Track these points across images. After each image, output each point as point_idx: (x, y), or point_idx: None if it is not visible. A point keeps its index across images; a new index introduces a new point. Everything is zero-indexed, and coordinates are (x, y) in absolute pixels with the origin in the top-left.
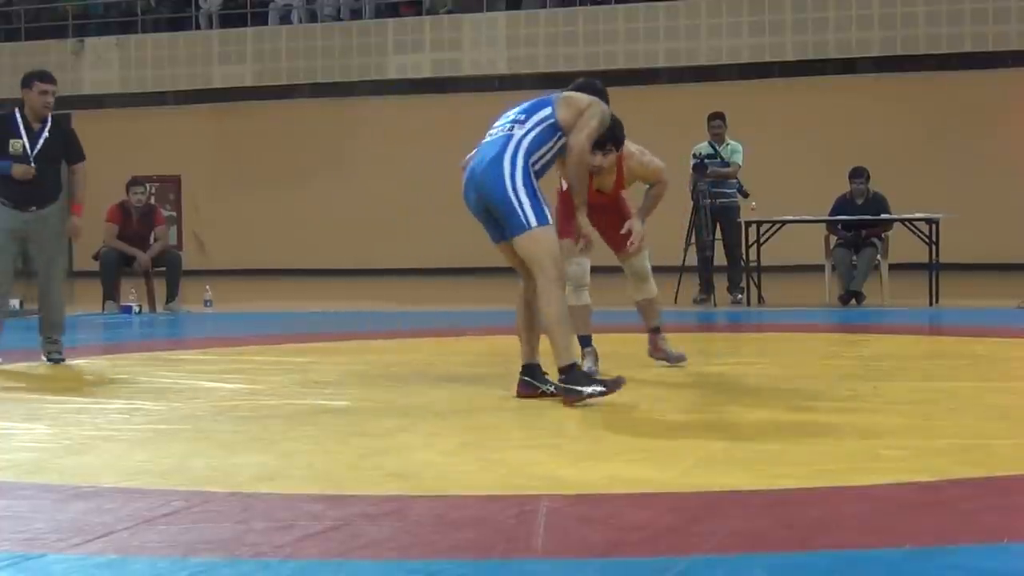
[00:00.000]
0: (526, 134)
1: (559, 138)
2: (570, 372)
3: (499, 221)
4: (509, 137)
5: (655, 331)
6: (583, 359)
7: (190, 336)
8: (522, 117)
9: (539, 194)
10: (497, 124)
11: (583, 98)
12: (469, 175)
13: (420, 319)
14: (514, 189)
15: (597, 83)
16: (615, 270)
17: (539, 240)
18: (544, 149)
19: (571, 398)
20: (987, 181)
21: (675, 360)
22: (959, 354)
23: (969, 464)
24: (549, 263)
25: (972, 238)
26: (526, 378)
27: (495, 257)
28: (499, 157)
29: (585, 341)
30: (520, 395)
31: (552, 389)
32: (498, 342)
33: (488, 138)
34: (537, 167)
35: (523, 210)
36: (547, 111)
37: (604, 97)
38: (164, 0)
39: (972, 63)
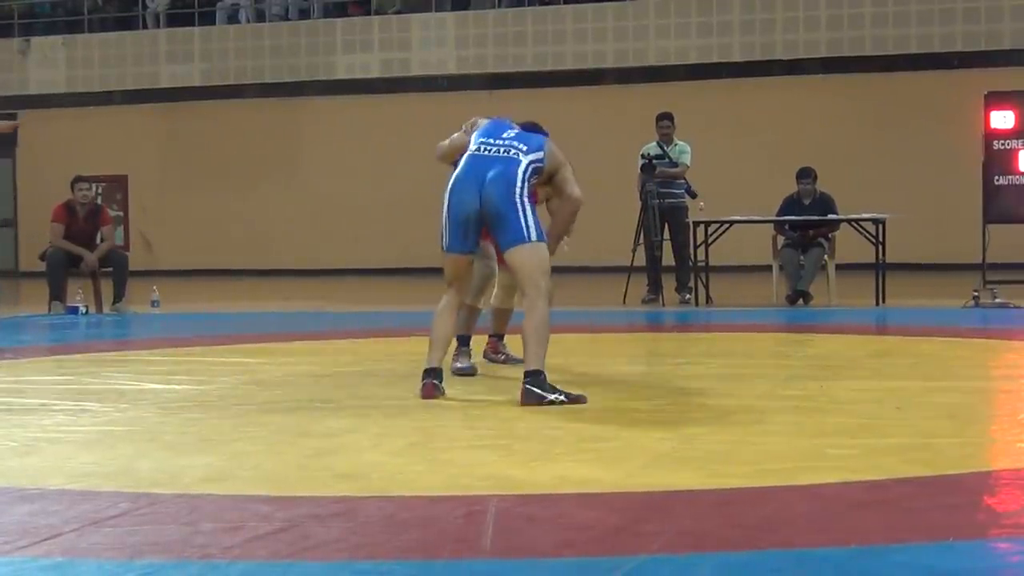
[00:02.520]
0: (530, 163)
1: (536, 180)
2: (536, 377)
3: (495, 229)
4: (518, 161)
5: (499, 338)
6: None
7: (137, 337)
8: (523, 147)
9: (536, 215)
10: (491, 139)
11: (560, 155)
12: (470, 180)
13: (369, 319)
14: (522, 203)
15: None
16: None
17: (539, 253)
18: (532, 181)
19: (531, 401)
20: (933, 182)
21: (516, 361)
22: (905, 353)
23: (915, 463)
24: (541, 276)
25: (918, 238)
26: (436, 381)
27: (441, 257)
28: (510, 174)
29: (464, 340)
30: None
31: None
32: None
33: (487, 151)
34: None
35: (527, 223)
36: (541, 155)
37: None
38: None
39: (919, 64)
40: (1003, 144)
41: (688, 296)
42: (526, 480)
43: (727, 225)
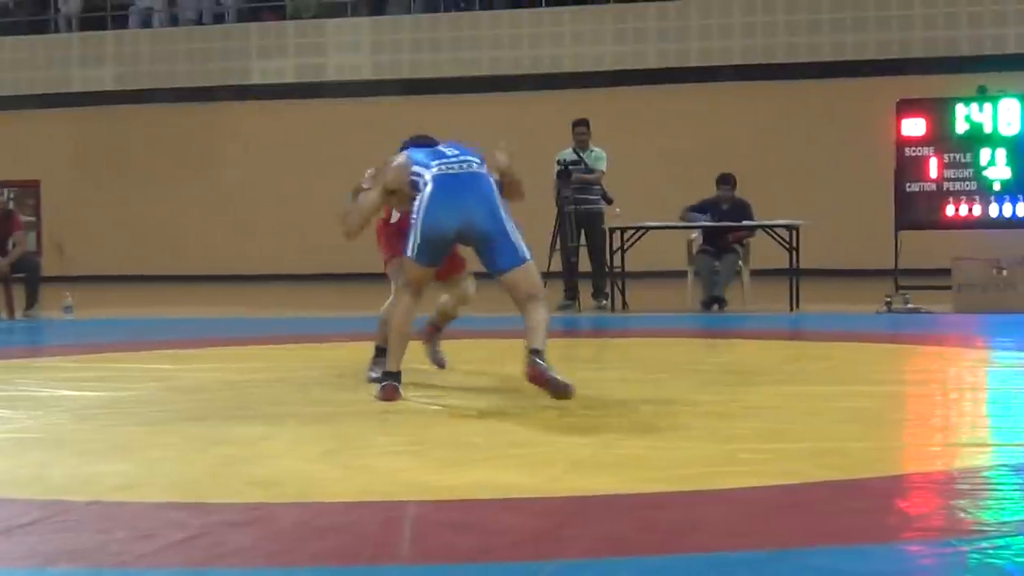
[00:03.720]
0: (489, 175)
1: None
2: (543, 355)
3: (484, 252)
4: (487, 177)
5: (438, 329)
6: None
7: (50, 343)
8: (476, 160)
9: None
10: (443, 160)
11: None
12: (453, 197)
13: (283, 326)
14: (507, 225)
15: None
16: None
17: (535, 270)
18: None
19: (537, 371)
20: (846, 188)
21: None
22: (818, 358)
23: (826, 467)
24: (541, 287)
25: (832, 244)
26: (396, 384)
27: (358, 263)
28: (489, 190)
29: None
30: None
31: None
32: (360, 349)
33: (451, 168)
34: None
35: (517, 244)
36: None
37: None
38: (22, 2)
39: (831, 72)
40: (915, 151)
41: (604, 302)
42: (444, 486)
43: (643, 231)
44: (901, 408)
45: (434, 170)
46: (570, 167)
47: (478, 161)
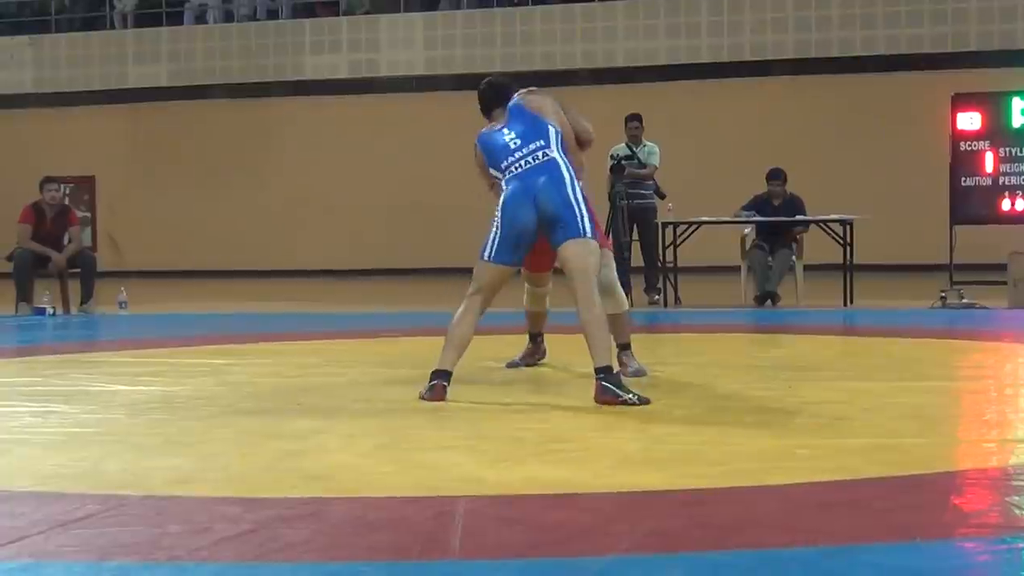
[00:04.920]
0: (564, 157)
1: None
2: (609, 373)
3: (551, 231)
4: (556, 162)
5: (622, 347)
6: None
7: (105, 338)
8: (542, 143)
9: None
10: (517, 154)
11: (548, 103)
12: (526, 192)
13: (337, 321)
14: (575, 199)
15: (493, 80)
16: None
17: (592, 250)
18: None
19: (609, 398)
20: (901, 183)
21: (633, 373)
22: (873, 354)
23: (882, 463)
24: (592, 271)
25: (886, 239)
26: (445, 383)
27: (411, 259)
28: (561, 176)
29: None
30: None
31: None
32: (413, 344)
33: (521, 167)
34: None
35: (582, 219)
36: (551, 130)
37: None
38: None
39: (886, 66)
40: (970, 146)
41: (657, 297)
42: (495, 481)
43: (695, 226)
44: (956, 404)
45: (506, 173)
46: (623, 162)
47: (542, 143)
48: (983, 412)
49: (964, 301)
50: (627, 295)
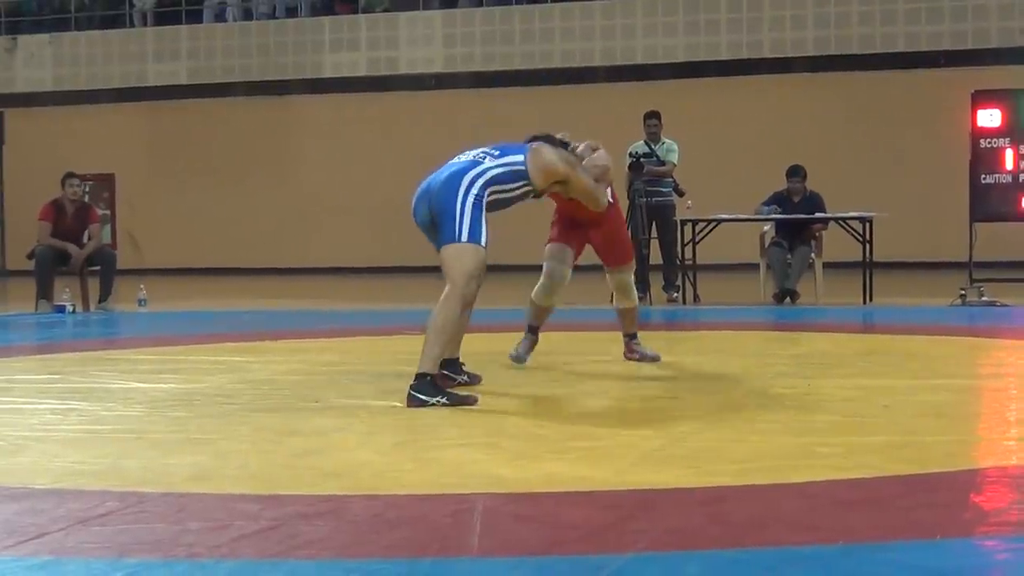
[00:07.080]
0: (494, 167)
1: (522, 185)
2: (422, 380)
3: (438, 230)
4: (476, 163)
5: (631, 337)
6: (520, 344)
7: (124, 336)
8: (495, 153)
9: (483, 219)
10: (467, 152)
11: (552, 156)
12: (424, 188)
13: (355, 318)
14: (462, 204)
15: (554, 137)
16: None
17: (462, 254)
18: (504, 188)
19: (414, 405)
20: (920, 180)
21: (650, 359)
22: (892, 351)
23: (902, 461)
24: (460, 278)
25: (905, 237)
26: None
27: (430, 256)
28: (460, 175)
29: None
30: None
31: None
32: None
33: (453, 160)
34: (490, 199)
35: (460, 224)
36: (520, 157)
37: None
38: None
39: (906, 62)
40: (990, 143)
41: (675, 294)
42: (514, 478)
43: (714, 223)
44: (976, 402)
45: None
46: (642, 159)
47: (496, 154)
48: (1003, 410)
49: (984, 299)
50: (646, 292)
